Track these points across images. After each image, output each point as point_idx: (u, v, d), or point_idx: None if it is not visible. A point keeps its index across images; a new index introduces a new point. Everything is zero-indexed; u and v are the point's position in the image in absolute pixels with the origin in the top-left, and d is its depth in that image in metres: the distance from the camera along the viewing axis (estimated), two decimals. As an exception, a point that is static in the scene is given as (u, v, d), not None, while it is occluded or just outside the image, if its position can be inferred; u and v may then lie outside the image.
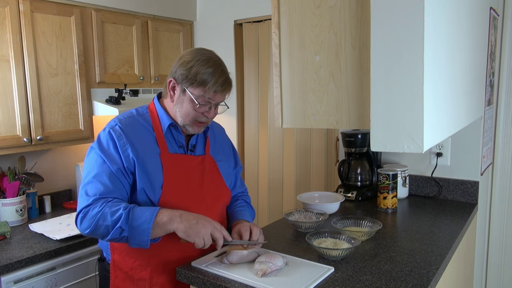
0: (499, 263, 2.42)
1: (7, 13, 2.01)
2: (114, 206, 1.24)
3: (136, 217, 1.22)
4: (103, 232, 1.24)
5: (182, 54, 1.38)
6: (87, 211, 1.26)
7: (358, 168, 2.15)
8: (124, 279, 1.39)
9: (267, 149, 2.96)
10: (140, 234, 1.22)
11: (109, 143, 1.32)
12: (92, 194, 1.27)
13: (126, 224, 1.21)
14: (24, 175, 2.24)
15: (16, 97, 2.06)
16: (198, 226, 1.23)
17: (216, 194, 1.47)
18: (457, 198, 2.07)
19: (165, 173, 1.35)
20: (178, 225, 1.23)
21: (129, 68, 2.60)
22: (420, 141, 1.04)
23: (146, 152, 1.35)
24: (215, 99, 1.35)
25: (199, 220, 1.25)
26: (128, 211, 1.23)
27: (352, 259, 1.36)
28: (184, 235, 1.23)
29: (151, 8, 2.71)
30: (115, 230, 1.22)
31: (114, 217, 1.22)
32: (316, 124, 1.30)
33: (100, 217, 1.23)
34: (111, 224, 1.22)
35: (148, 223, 1.22)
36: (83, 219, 1.26)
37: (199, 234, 1.22)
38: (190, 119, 1.37)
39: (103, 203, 1.25)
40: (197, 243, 1.23)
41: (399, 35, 1.02)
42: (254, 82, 2.97)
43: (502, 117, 2.32)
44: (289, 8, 1.30)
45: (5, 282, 1.71)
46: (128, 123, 1.37)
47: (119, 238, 1.24)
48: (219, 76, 1.32)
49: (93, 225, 1.24)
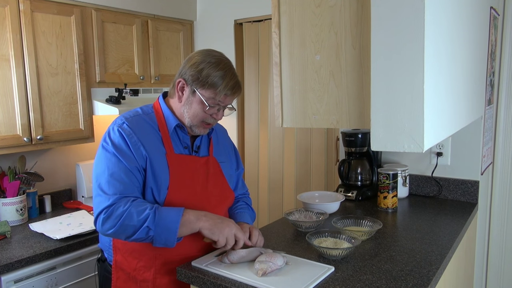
0: (499, 263, 2.42)
1: (7, 12, 2.01)
2: (140, 206, 1.24)
3: (164, 217, 1.23)
4: (129, 232, 1.23)
5: (192, 55, 1.37)
6: (112, 210, 1.23)
7: (359, 167, 2.15)
8: (126, 280, 1.39)
9: (267, 149, 2.96)
10: (167, 233, 1.23)
11: (121, 141, 1.31)
12: (111, 193, 1.25)
13: (153, 224, 1.22)
14: (24, 174, 2.24)
15: (16, 96, 2.06)
16: (223, 225, 1.28)
17: (221, 195, 1.48)
18: (457, 197, 2.07)
19: (171, 173, 1.35)
20: (204, 224, 1.26)
21: (129, 68, 2.60)
22: (420, 141, 1.04)
23: (153, 152, 1.34)
24: (225, 102, 1.36)
25: (223, 220, 1.30)
26: (154, 211, 1.23)
27: (352, 259, 1.36)
28: (209, 233, 1.26)
29: (151, 7, 2.71)
30: (142, 229, 1.22)
31: (141, 217, 1.21)
32: (316, 124, 1.30)
33: (126, 217, 1.21)
34: (138, 224, 1.21)
35: (176, 222, 1.23)
36: (107, 219, 1.23)
37: (223, 232, 1.27)
38: (198, 120, 1.37)
39: (127, 202, 1.24)
40: (220, 241, 1.27)
41: (399, 34, 1.02)
42: (254, 81, 2.97)
43: (502, 116, 2.32)
44: (289, 8, 1.30)
45: (5, 282, 1.71)
46: (135, 122, 1.36)
47: (144, 238, 1.24)
48: (229, 79, 1.32)
49: (119, 225, 1.22)
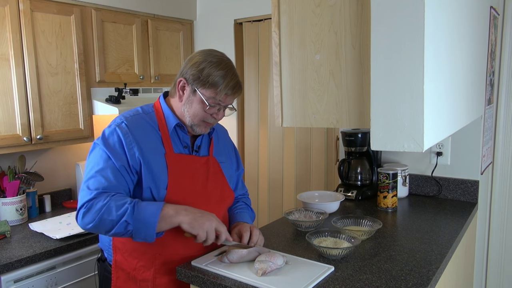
0: (499, 262, 2.42)
1: (7, 12, 2.00)
2: (119, 200, 1.23)
3: (142, 211, 1.22)
4: (108, 227, 1.22)
5: (193, 55, 1.37)
6: (91, 205, 1.23)
7: (358, 167, 2.15)
8: (126, 280, 1.39)
9: (267, 148, 2.96)
10: (146, 228, 1.22)
11: (115, 140, 1.31)
12: (94, 188, 1.26)
13: (131, 218, 1.21)
14: (24, 174, 2.24)
15: (16, 96, 2.06)
16: (203, 219, 1.25)
17: (221, 195, 1.47)
18: (457, 197, 2.07)
19: (170, 173, 1.35)
20: (183, 218, 1.23)
21: (129, 67, 2.60)
22: (420, 140, 1.04)
23: (151, 152, 1.34)
24: (225, 102, 1.35)
25: (204, 213, 1.27)
26: (133, 205, 1.22)
27: (352, 258, 1.36)
28: (189, 227, 1.23)
29: (151, 7, 2.71)
30: (120, 224, 1.21)
31: (120, 211, 1.21)
32: (316, 123, 1.30)
33: (105, 211, 1.21)
34: (116, 218, 1.21)
35: (154, 216, 1.22)
36: (86, 214, 1.24)
37: (203, 226, 1.24)
38: (198, 119, 1.36)
39: (107, 197, 1.24)
40: (200, 235, 1.24)
41: (399, 34, 1.02)
42: (254, 81, 2.97)
43: (502, 116, 2.32)
44: (289, 7, 1.30)
45: (5, 281, 1.71)
46: (134, 121, 1.36)
47: (123, 233, 1.23)
48: (230, 79, 1.32)
49: (97, 219, 1.22)
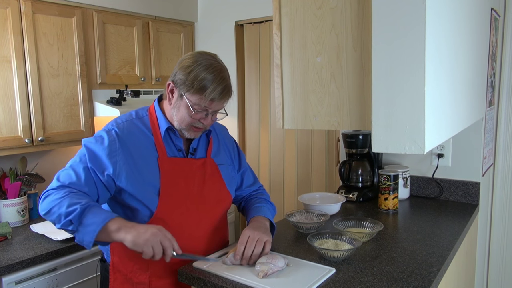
0: (500, 264, 2.42)
1: (8, 14, 2.01)
2: (76, 199, 1.24)
3: (90, 216, 1.22)
4: (55, 219, 1.25)
5: (183, 57, 1.34)
6: (49, 194, 1.27)
7: (359, 169, 2.15)
8: (123, 282, 1.39)
9: (268, 150, 2.96)
10: (84, 234, 1.22)
11: (99, 144, 1.32)
12: (62, 181, 1.29)
13: (77, 220, 1.21)
14: (26, 176, 2.24)
15: (17, 98, 2.07)
16: (146, 235, 1.19)
17: (217, 198, 1.46)
18: (458, 199, 2.07)
19: (162, 178, 1.34)
20: (125, 236, 1.20)
21: (130, 69, 2.60)
22: (421, 142, 1.04)
23: (143, 158, 1.33)
24: (212, 107, 1.31)
25: (148, 229, 1.21)
26: (84, 208, 1.22)
27: (353, 260, 1.35)
28: (131, 244, 1.19)
29: (152, 9, 2.71)
30: (65, 221, 1.22)
31: (69, 209, 1.21)
32: (317, 125, 1.30)
33: (57, 204, 1.23)
34: (63, 214, 1.22)
35: (97, 225, 1.20)
36: (43, 200, 1.28)
37: (148, 243, 1.18)
38: (186, 124, 1.34)
39: (66, 192, 1.25)
40: (145, 251, 1.19)
41: (400, 36, 1.02)
42: (255, 83, 2.97)
43: (503, 118, 2.32)
44: (291, 9, 1.30)
45: (6, 283, 1.71)
46: (126, 128, 1.36)
47: (67, 230, 1.25)
48: (218, 83, 1.27)
49: (48, 209, 1.25)
